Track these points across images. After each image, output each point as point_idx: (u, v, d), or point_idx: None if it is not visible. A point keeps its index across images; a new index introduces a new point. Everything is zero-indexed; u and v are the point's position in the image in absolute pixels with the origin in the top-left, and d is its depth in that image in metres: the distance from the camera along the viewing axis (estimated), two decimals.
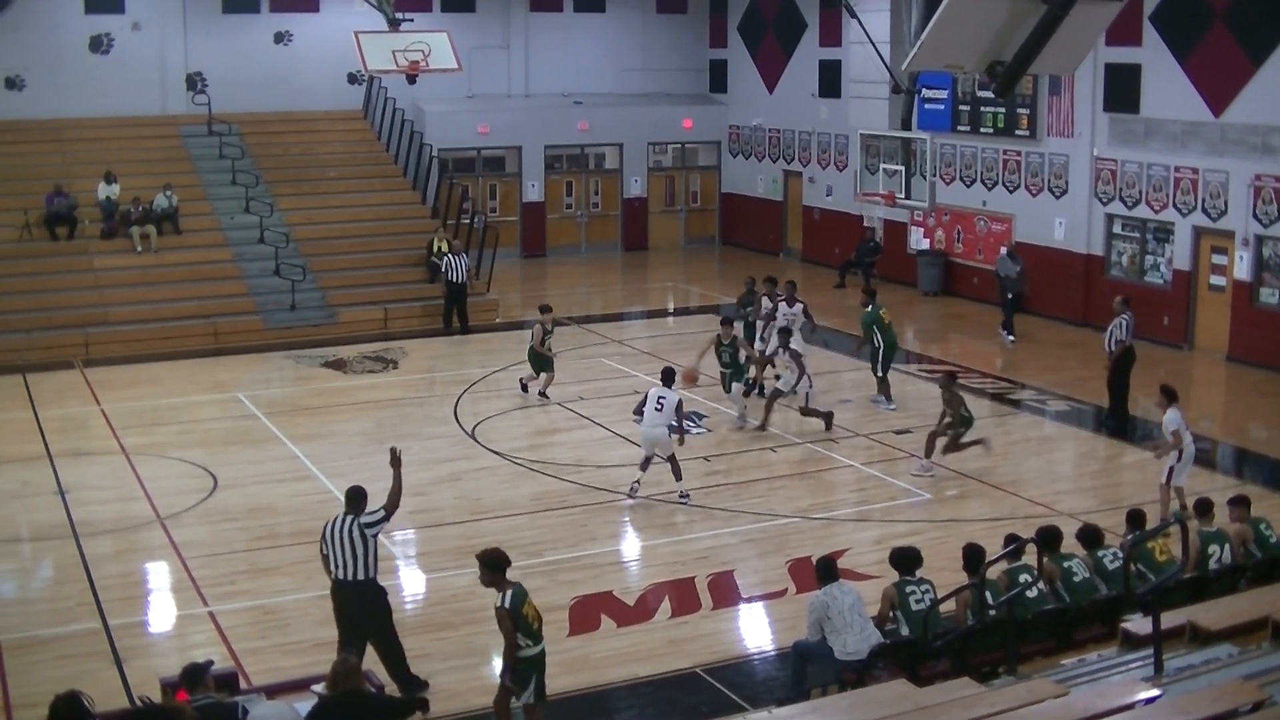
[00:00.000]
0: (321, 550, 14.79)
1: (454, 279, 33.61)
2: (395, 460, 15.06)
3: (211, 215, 36.97)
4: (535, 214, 45.26)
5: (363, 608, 14.64)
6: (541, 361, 27.18)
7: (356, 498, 14.88)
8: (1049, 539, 14.79)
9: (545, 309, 27.79)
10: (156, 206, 35.54)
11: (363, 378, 29.63)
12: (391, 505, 14.80)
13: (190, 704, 11.37)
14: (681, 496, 21.19)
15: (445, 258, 33.95)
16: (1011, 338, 32.19)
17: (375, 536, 14.59)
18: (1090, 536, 15.37)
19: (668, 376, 21.76)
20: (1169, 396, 20.04)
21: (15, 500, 21.78)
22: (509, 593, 12.87)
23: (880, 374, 26.57)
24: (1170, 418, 19.83)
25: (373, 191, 39.68)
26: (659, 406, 21.05)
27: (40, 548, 20.05)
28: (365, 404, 27.71)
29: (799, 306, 27.64)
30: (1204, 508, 16.17)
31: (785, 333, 25.65)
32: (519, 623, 12.79)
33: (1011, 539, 14.80)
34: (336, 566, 14.57)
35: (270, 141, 40.40)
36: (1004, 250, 33.24)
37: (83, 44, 39.89)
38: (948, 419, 22.58)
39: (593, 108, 45.36)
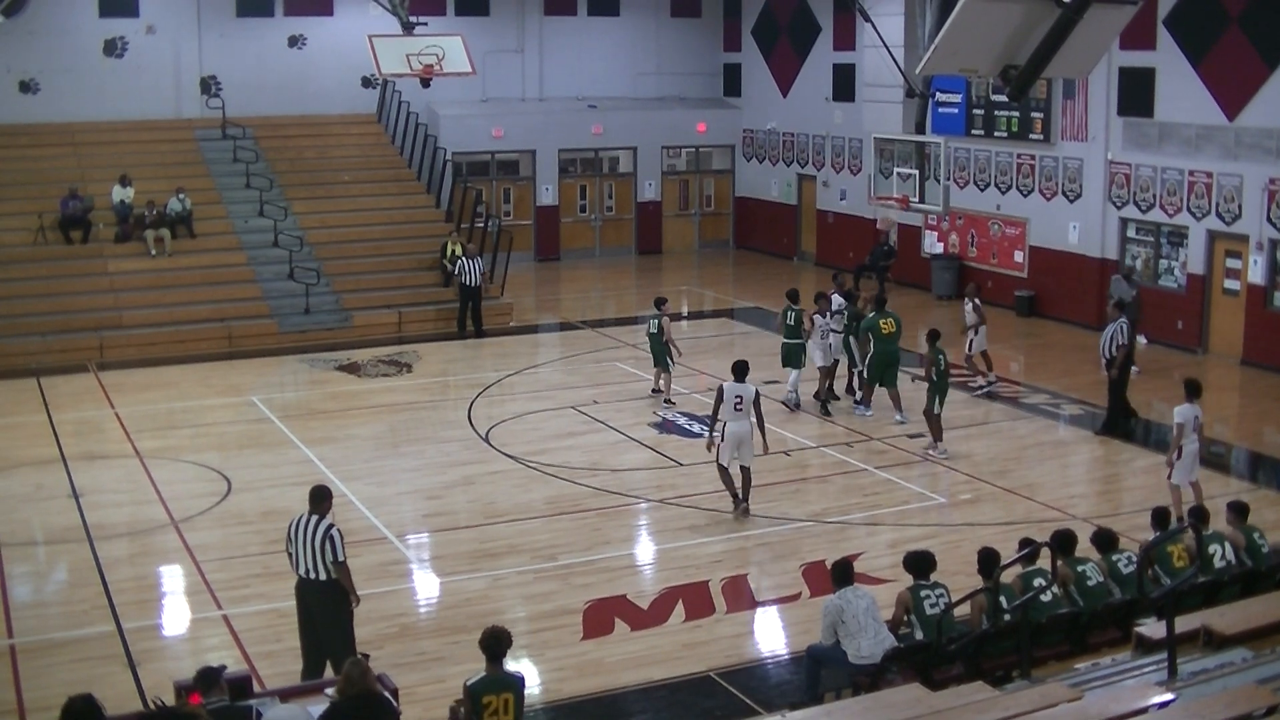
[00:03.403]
0: (287, 548, 14.83)
1: (468, 282, 33.64)
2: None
3: (226, 219, 37.03)
4: (549, 218, 45.28)
5: (325, 608, 14.63)
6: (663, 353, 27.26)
7: (319, 497, 14.92)
8: (1064, 543, 14.78)
9: (661, 301, 27.96)
10: (171, 210, 35.59)
11: (377, 381, 29.66)
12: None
13: (203, 707, 11.40)
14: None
15: (459, 261, 33.96)
16: (1135, 369, 27.64)
17: (337, 543, 14.57)
18: (1105, 540, 15.33)
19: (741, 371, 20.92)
20: (1190, 392, 20.06)
21: (30, 503, 21.81)
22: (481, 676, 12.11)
23: (865, 377, 26.45)
24: (1180, 411, 19.81)
25: (387, 195, 39.70)
26: (738, 405, 20.43)
27: (54, 551, 20.07)
28: (379, 407, 27.73)
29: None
30: (1197, 514, 16.12)
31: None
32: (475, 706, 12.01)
33: (1026, 542, 14.78)
34: (300, 565, 14.61)
35: (284, 145, 40.46)
36: (1118, 273, 31.29)
37: (97, 47, 39.98)
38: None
39: (607, 111, 45.38)
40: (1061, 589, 14.40)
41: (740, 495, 20.68)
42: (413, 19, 35.37)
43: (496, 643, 12.10)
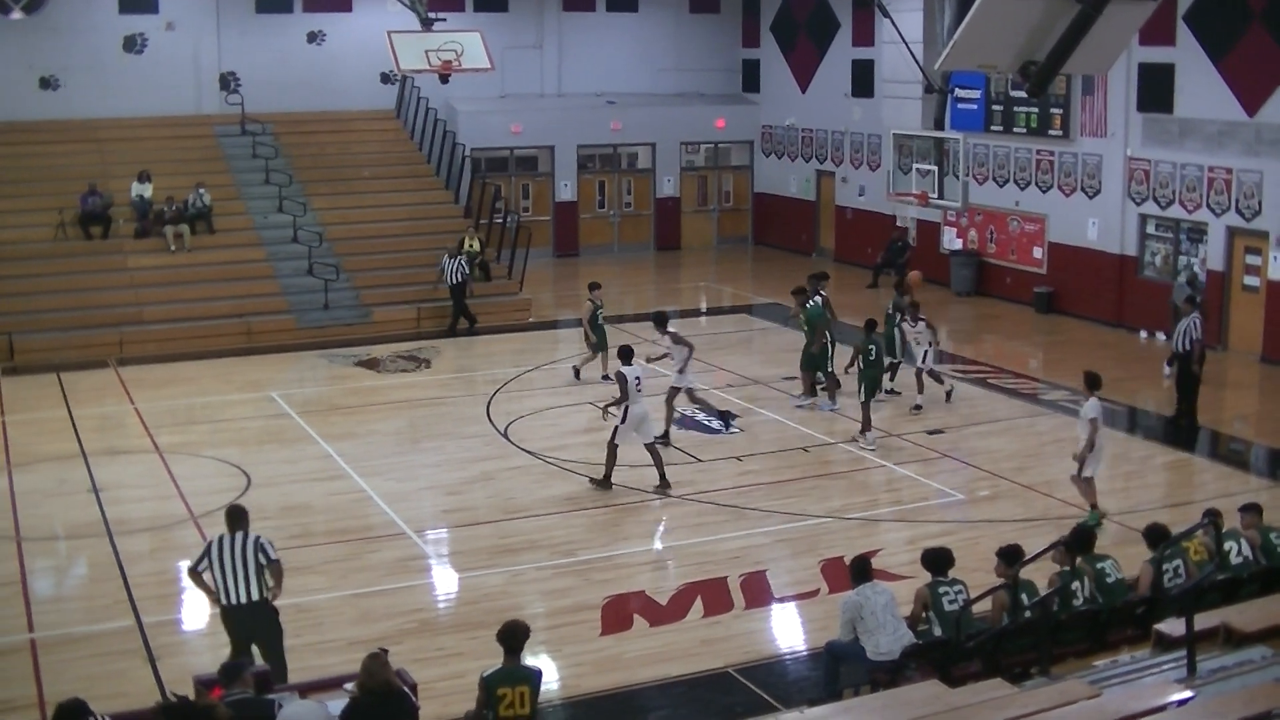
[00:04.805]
0: (197, 567, 14.37)
1: (452, 281, 33.71)
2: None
3: (245, 215, 37.12)
4: (568, 214, 45.31)
5: (260, 629, 14.29)
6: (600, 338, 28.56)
7: (240, 515, 14.62)
8: (1082, 540, 14.74)
9: (594, 285, 29.44)
10: (190, 206, 35.69)
11: (396, 377, 29.70)
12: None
13: (225, 699, 11.44)
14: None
15: (442, 260, 33.94)
16: (1169, 369, 26.61)
17: (268, 546, 14.36)
18: (1156, 535, 15.16)
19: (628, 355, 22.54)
20: (1092, 384, 20.10)
21: (51, 498, 21.89)
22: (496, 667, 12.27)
23: (829, 371, 26.43)
24: (1092, 405, 19.86)
25: (406, 191, 39.78)
26: (638, 386, 21.73)
27: (75, 546, 20.15)
28: (398, 403, 27.79)
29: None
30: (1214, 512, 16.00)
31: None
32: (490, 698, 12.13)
33: (1075, 533, 14.78)
34: (228, 590, 14.17)
35: (304, 141, 40.53)
36: (1182, 277, 31.23)
37: (117, 44, 40.07)
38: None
39: (625, 107, 45.37)
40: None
41: (660, 475, 21.79)
42: (431, 15, 35.36)
43: (513, 636, 12.19)
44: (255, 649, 14.14)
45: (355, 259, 36.04)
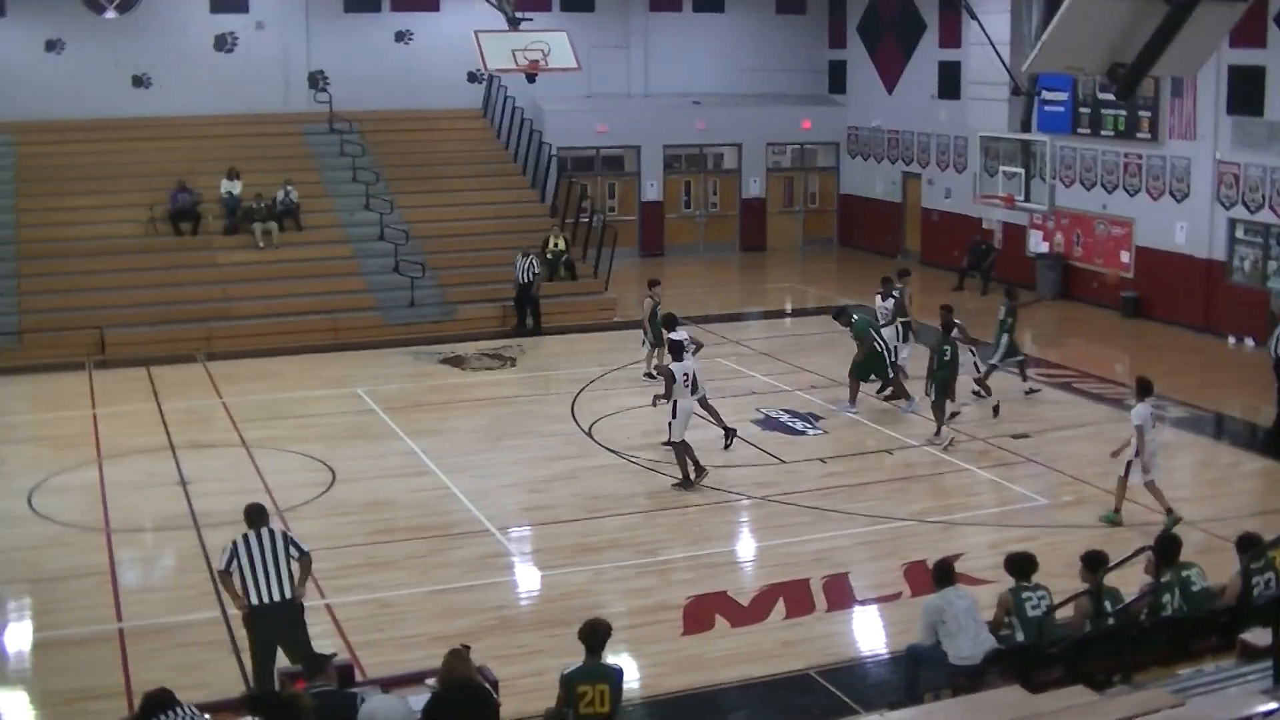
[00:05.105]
0: (227, 569, 14.28)
1: (522, 280, 33.84)
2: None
3: (332, 212, 37.44)
4: (654, 213, 45.36)
5: (286, 629, 14.16)
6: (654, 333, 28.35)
7: (260, 512, 14.70)
8: (1170, 550, 14.60)
9: (653, 283, 29.65)
10: (278, 203, 36.03)
11: (480, 375, 29.85)
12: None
13: (308, 690, 11.55)
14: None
15: (516, 259, 34.07)
16: None
17: (296, 539, 14.39)
18: (1249, 544, 14.98)
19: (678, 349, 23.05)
20: (1141, 390, 20.00)
21: (139, 490, 22.18)
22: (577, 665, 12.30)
23: (893, 375, 26.50)
24: (1138, 411, 19.78)
25: (492, 190, 39.97)
26: (686, 382, 22.16)
27: (162, 537, 20.44)
28: (483, 401, 27.92)
29: (891, 301, 27.69)
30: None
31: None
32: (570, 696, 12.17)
33: (1160, 542, 14.61)
34: (259, 589, 14.07)
35: (390, 139, 40.81)
36: (1278, 283, 30.87)
37: (207, 43, 40.56)
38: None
39: (711, 108, 45.34)
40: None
41: (697, 465, 21.98)
42: (518, 15, 35.52)
43: (594, 634, 12.24)
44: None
45: (441, 257, 36.24)
